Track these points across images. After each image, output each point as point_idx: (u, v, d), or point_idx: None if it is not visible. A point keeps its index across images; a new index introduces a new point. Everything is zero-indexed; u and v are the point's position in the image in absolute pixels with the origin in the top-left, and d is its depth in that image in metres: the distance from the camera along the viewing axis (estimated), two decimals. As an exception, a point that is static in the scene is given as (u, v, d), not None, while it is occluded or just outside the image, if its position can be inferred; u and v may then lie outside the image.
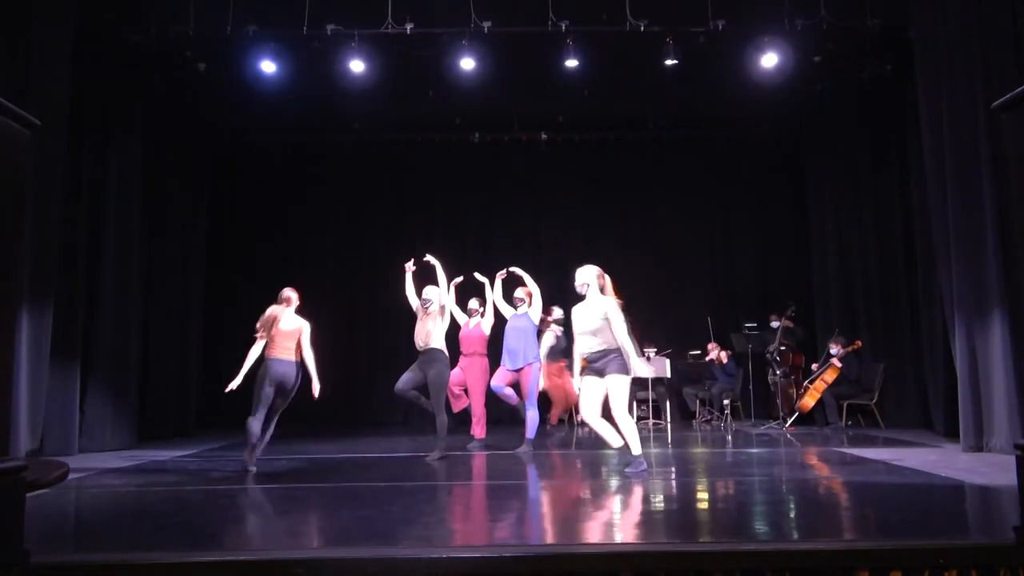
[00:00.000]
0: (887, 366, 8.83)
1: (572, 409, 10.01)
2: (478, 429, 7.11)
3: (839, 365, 8.68)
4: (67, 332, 6.77)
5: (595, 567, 3.01)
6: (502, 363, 6.93)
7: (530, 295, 7.02)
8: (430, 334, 6.31)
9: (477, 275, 7.23)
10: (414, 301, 6.66)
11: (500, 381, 6.90)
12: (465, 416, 7.39)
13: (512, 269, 7.09)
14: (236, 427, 9.43)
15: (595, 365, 5.29)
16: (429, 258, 6.82)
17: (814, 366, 8.99)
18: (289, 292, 6.07)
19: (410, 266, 6.86)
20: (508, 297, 7.17)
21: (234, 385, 5.69)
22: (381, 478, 5.65)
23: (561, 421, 9.15)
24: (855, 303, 9.46)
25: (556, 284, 10.58)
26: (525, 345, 6.82)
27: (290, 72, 7.91)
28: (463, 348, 7.16)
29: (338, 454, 6.90)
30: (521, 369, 6.82)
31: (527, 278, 7.04)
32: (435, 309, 6.38)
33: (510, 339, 6.91)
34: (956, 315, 6.44)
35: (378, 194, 11.12)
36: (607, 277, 5.53)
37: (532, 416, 6.81)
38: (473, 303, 7.28)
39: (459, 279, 7.19)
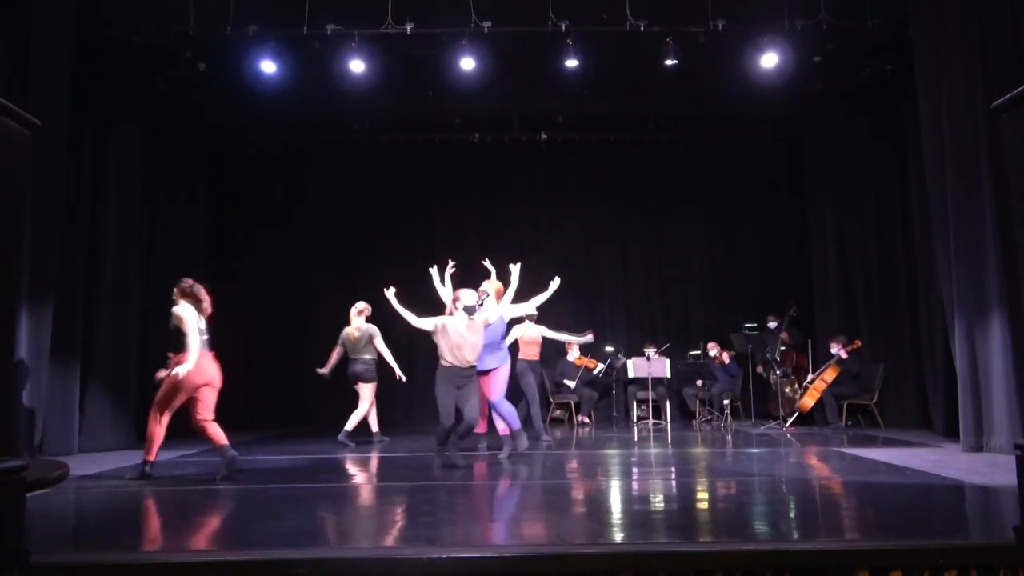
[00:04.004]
0: (887, 366, 8.83)
1: (573, 409, 10.06)
2: (482, 424, 6.94)
3: (839, 365, 8.68)
4: (67, 332, 6.77)
5: (595, 567, 3.01)
6: None
7: (500, 292, 6.68)
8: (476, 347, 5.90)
9: (438, 268, 6.89)
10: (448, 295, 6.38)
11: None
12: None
13: (486, 264, 6.89)
14: (235, 427, 9.47)
15: None
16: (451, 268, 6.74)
17: (810, 377, 8.96)
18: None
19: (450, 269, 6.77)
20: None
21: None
22: (380, 478, 5.66)
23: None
24: (855, 303, 9.46)
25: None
26: (488, 349, 6.37)
27: (290, 72, 7.90)
28: None
29: (338, 454, 6.90)
30: (490, 372, 6.48)
31: (514, 274, 6.64)
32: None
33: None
34: (956, 315, 6.44)
35: (378, 194, 11.12)
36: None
37: (507, 409, 6.50)
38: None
39: (452, 268, 6.81)
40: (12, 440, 3.05)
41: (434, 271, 6.84)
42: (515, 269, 6.64)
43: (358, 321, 7.68)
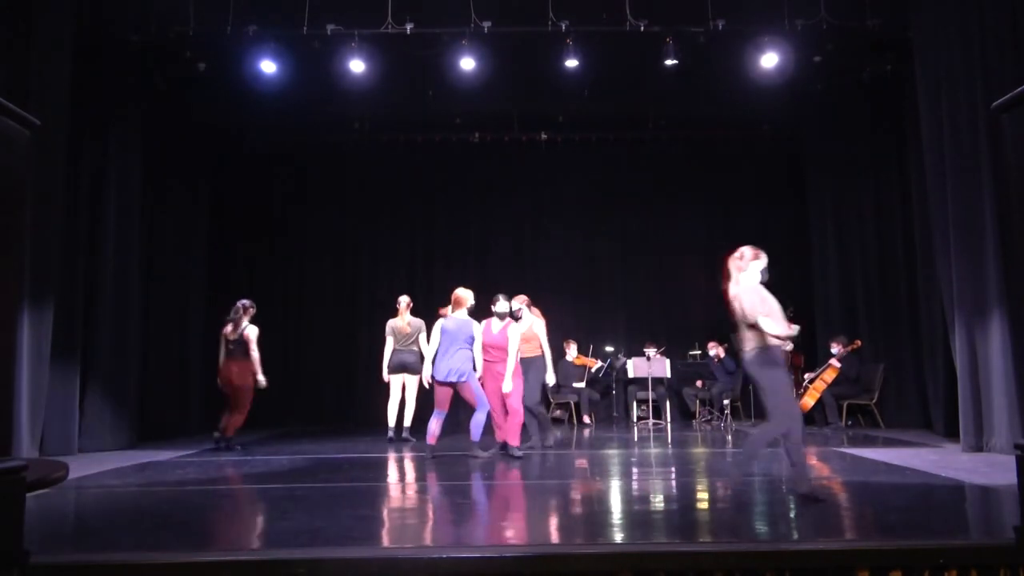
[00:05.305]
0: (887, 366, 8.82)
1: (573, 409, 10.05)
2: (514, 436, 6.43)
3: (838, 365, 8.68)
4: (67, 332, 6.76)
5: (595, 567, 3.01)
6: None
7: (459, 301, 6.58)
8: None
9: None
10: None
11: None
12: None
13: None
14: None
15: None
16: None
17: (807, 375, 8.94)
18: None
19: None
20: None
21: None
22: (381, 478, 5.66)
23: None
24: (855, 303, 9.46)
25: (556, 283, 10.65)
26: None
27: (290, 72, 7.90)
28: (487, 356, 6.53)
29: (338, 454, 6.90)
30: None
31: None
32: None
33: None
34: (956, 315, 6.44)
35: (378, 194, 11.12)
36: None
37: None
38: (502, 306, 6.64)
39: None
40: (12, 440, 3.05)
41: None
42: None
43: (408, 315, 7.89)
